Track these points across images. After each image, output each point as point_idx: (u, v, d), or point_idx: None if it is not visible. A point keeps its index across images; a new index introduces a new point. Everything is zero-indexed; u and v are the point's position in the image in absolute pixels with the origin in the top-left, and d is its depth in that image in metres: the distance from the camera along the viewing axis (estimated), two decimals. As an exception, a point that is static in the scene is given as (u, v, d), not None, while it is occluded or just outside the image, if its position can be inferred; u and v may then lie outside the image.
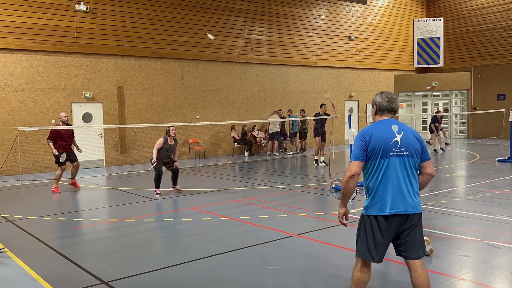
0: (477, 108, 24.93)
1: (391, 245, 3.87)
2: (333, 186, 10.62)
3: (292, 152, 20.09)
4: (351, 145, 10.09)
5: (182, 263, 5.72)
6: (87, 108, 16.33)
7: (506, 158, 14.93)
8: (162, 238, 7.17)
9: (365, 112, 24.44)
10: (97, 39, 16.23)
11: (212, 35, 16.27)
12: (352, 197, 3.96)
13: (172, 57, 18.00)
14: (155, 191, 10.45)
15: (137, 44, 17.13)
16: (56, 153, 11.04)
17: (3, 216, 8.63)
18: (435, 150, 18.53)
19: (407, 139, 3.79)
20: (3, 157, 14.30)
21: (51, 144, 11.05)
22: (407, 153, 3.76)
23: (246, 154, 19.31)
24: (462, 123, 26.99)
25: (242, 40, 19.90)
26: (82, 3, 15.73)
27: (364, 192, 3.93)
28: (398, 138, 3.77)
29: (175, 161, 10.77)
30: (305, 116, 19.49)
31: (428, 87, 25.71)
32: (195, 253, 6.07)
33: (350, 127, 11.52)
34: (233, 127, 19.30)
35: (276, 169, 15.40)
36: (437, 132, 18.76)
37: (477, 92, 25.50)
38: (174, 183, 10.83)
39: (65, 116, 11.31)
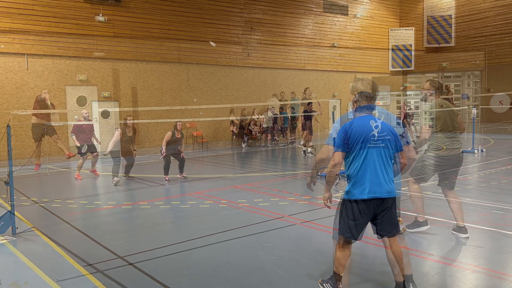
0: (444, 106, 24.90)
1: (369, 224, 3.85)
2: (319, 174, 10.61)
3: (283, 144, 20.06)
4: (334, 138, 10.06)
5: (188, 240, 5.70)
6: (105, 106, 16.22)
7: (469, 149, 14.96)
8: (170, 219, 7.14)
9: (346, 110, 24.39)
10: (114, 46, 16.10)
11: (213, 42, 16.18)
12: (335, 183, 3.94)
13: (179, 62, 17.87)
14: (164, 178, 10.41)
15: (149, 50, 17.00)
16: (78, 145, 10.99)
17: (32, 200, 8.58)
18: (407, 142, 18.51)
19: (383, 132, 3.76)
20: (32, 148, 14.20)
21: (74, 137, 10.99)
22: (383, 145, 3.74)
23: (243, 145, 19.26)
24: (431, 118, 26.98)
25: (239, 47, 19.77)
26: (100, 14, 15.57)
27: (346, 179, 3.90)
28: (376, 132, 3.74)
29: (182, 152, 10.72)
30: (294, 113, 19.42)
31: (402, 88, 25.69)
32: (199, 232, 6.05)
33: (333, 122, 11.50)
34: (232, 123, 19.22)
35: (269, 159, 15.37)
36: (409, 127, 18.77)
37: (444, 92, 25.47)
38: (181, 171, 10.79)
39: (86, 113, 11.25)
